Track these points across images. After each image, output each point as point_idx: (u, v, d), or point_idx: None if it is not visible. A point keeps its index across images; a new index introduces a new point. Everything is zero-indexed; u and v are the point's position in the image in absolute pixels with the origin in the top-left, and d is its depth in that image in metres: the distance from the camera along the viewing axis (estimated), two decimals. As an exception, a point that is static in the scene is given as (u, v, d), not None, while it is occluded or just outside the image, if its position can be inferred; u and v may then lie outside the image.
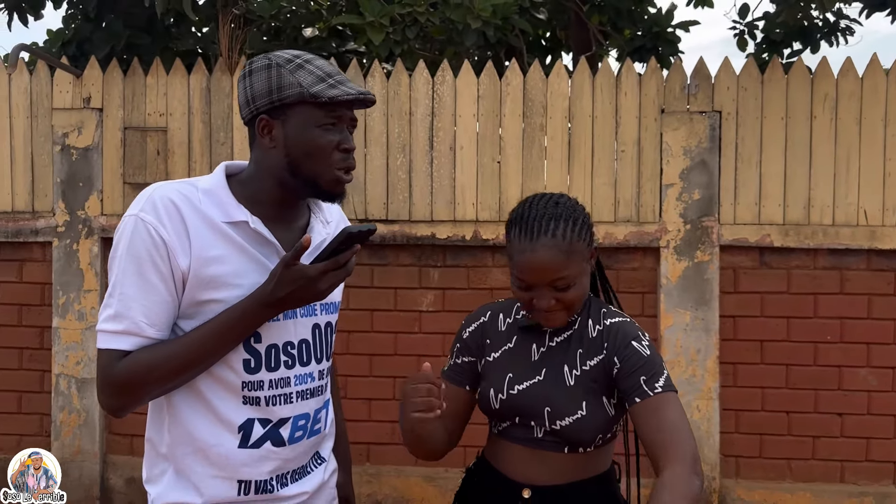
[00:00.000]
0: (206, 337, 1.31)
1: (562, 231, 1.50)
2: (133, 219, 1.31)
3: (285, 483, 1.45)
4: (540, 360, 1.58)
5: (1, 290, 3.86)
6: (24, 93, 3.80)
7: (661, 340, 3.51)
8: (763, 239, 3.50)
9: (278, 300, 1.30)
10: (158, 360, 1.30)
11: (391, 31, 4.05)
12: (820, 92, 3.48)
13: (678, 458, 1.39)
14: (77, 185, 3.73)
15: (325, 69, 1.36)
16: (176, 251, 1.30)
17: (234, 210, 1.36)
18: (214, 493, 1.38)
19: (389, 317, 3.68)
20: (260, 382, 1.38)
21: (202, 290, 1.33)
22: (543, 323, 1.56)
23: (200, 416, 1.37)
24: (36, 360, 3.84)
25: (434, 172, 3.62)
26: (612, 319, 1.58)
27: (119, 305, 1.30)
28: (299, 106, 1.33)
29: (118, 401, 1.33)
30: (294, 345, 1.43)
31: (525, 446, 1.56)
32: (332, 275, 1.31)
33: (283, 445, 1.42)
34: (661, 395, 1.46)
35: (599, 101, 3.57)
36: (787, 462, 3.55)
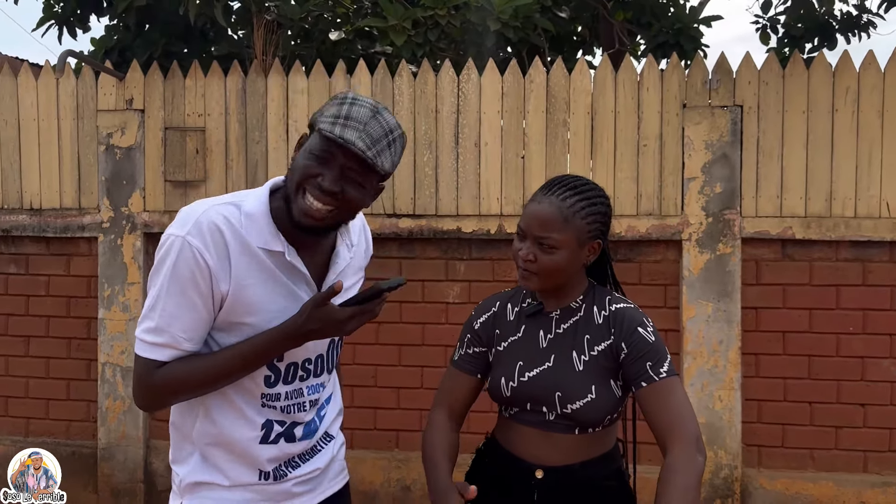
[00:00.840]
0: (235, 358, 1.44)
1: (571, 202, 1.59)
2: (180, 240, 1.38)
3: (297, 465, 1.58)
4: (548, 347, 1.65)
5: (50, 283, 4.06)
6: (70, 96, 4.00)
7: (683, 332, 3.57)
8: (785, 231, 3.54)
9: (305, 333, 1.42)
10: (191, 373, 1.43)
11: (413, 33, 4.17)
12: (842, 85, 3.51)
13: (682, 439, 1.51)
14: (121, 183, 3.92)
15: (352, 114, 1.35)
16: (218, 276, 1.40)
17: (272, 239, 1.43)
18: (238, 477, 1.52)
19: (417, 308, 3.80)
20: (276, 395, 1.52)
21: (236, 312, 1.44)
22: (520, 281, 1.65)
23: (228, 414, 1.50)
24: (83, 349, 4.03)
25: (459, 168, 3.73)
26: (618, 305, 1.65)
27: (160, 321, 1.40)
28: (313, 130, 1.41)
29: (151, 403, 1.48)
30: (311, 360, 1.56)
31: (536, 429, 1.63)
32: (358, 318, 1.42)
33: (294, 442, 1.56)
34: (665, 379, 1.56)
35: (622, 96, 3.64)
36: (810, 452, 3.58)
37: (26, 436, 4.10)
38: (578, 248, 1.61)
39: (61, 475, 3.97)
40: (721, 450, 3.54)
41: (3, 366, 4.10)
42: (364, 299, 1.42)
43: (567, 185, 1.62)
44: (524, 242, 1.61)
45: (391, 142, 1.38)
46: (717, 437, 3.53)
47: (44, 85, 4.01)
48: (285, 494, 1.57)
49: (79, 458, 4.03)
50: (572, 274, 1.65)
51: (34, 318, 4.07)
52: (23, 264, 4.08)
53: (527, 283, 1.63)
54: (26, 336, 4.08)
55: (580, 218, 1.59)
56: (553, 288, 1.65)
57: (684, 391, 1.60)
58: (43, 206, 4.01)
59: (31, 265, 4.07)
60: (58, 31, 5.48)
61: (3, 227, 4.02)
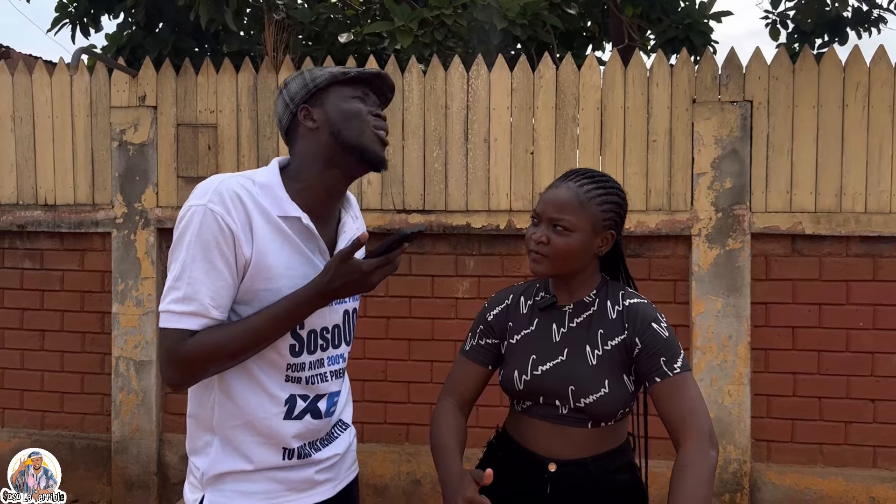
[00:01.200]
0: (267, 321, 1.43)
1: (588, 188, 1.61)
2: (202, 208, 1.40)
3: (318, 448, 1.59)
4: (562, 341, 1.65)
5: (64, 278, 4.12)
6: (84, 92, 4.04)
7: (692, 327, 3.58)
8: (795, 226, 3.54)
9: (333, 290, 1.43)
10: (224, 340, 1.41)
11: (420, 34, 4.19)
12: (852, 80, 3.51)
13: (695, 435, 1.52)
14: (134, 179, 3.96)
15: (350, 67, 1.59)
16: (241, 240, 1.41)
17: (288, 206, 1.47)
18: (263, 459, 1.52)
19: (427, 303, 3.82)
20: (302, 364, 1.53)
21: (258, 278, 1.45)
22: (529, 266, 1.65)
23: (251, 393, 1.49)
24: (97, 343, 4.08)
25: (469, 164, 3.75)
26: (631, 300, 1.65)
27: (188, 289, 1.40)
28: (332, 86, 1.53)
29: (184, 376, 1.43)
30: (329, 329, 1.57)
31: (549, 423, 1.63)
32: (382, 270, 1.43)
33: (321, 418, 1.57)
34: (679, 375, 1.57)
35: (631, 92, 3.65)
36: (819, 447, 3.59)
37: (41, 428, 4.15)
38: (592, 235, 1.62)
39: (74, 468, 4.03)
40: (730, 445, 3.55)
41: (18, 359, 4.16)
42: (387, 249, 1.43)
43: (585, 175, 1.65)
44: (538, 227, 1.63)
45: None
46: (726, 431, 3.54)
47: (58, 82, 4.05)
48: (308, 483, 1.58)
49: (93, 451, 4.08)
50: (583, 262, 1.65)
51: (49, 312, 4.12)
52: (38, 259, 4.13)
53: (536, 267, 1.63)
54: (41, 330, 4.13)
55: (596, 205, 1.61)
56: (563, 275, 1.65)
57: (697, 386, 1.61)
58: (57, 202, 4.06)
59: (46, 260, 4.12)
60: (71, 31, 5.55)
61: (19, 223, 4.07)
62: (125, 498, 3.97)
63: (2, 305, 4.17)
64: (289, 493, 1.56)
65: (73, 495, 4.10)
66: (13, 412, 4.18)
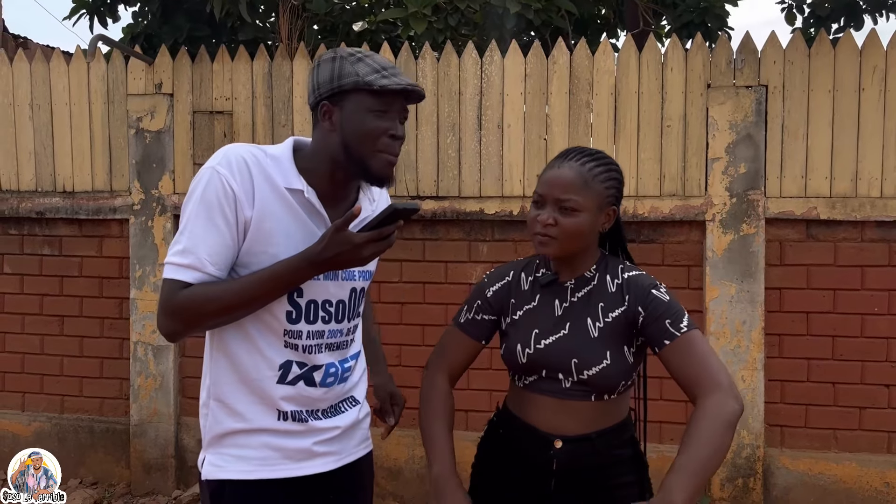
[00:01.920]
0: (258, 282, 1.48)
1: (590, 166, 1.62)
2: (209, 170, 1.49)
3: (318, 417, 1.62)
4: (563, 315, 1.67)
5: (83, 264, 4.17)
6: (101, 80, 4.08)
7: (706, 312, 3.58)
8: (809, 212, 3.52)
9: (324, 260, 1.46)
10: (214, 294, 1.47)
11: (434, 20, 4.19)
12: (868, 64, 3.48)
13: (714, 387, 1.47)
14: (151, 166, 4.00)
15: (381, 63, 1.51)
16: (242, 202, 1.48)
17: (294, 178, 1.53)
18: (257, 419, 1.57)
19: (440, 289, 3.84)
20: (299, 332, 1.57)
21: (258, 241, 1.50)
22: (537, 249, 1.64)
23: (246, 353, 1.56)
24: (115, 328, 4.14)
25: (482, 150, 3.76)
26: (630, 273, 1.67)
27: (187, 242, 1.47)
28: (355, 93, 1.50)
29: (174, 325, 1.49)
30: (332, 303, 1.60)
31: (553, 397, 1.64)
32: (374, 245, 1.45)
33: (315, 387, 1.60)
34: (687, 333, 1.55)
35: (645, 77, 3.64)
36: (833, 432, 3.58)
37: (61, 412, 4.22)
38: (597, 213, 1.63)
39: (93, 451, 4.10)
40: (744, 430, 3.55)
41: (38, 344, 4.22)
42: (380, 222, 1.44)
43: (584, 153, 1.65)
44: (543, 209, 1.63)
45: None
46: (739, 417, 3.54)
47: (75, 70, 4.10)
48: (305, 453, 1.61)
49: (112, 435, 4.14)
50: (590, 240, 1.66)
51: (68, 298, 4.18)
52: (56, 246, 4.19)
53: (545, 250, 1.63)
54: (60, 316, 4.19)
55: (599, 182, 1.62)
56: (570, 254, 1.66)
57: (707, 343, 1.57)
58: (75, 189, 4.11)
59: (65, 246, 4.18)
60: (89, 20, 5.59)
61: (37, 210, 4.13)
62: (143, 481, 4.03)
63: (22, 291, 4.23)
64: (285, 461, 1.59)
65: (92, 478, 4.17)
66: (33, 396, 4.25)
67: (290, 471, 1.59)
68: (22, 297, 4.23)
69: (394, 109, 1.52)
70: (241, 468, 1.57)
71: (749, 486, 3.56)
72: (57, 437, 4.19)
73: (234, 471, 1.58)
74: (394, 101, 1.51)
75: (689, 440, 1.42)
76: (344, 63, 1.51)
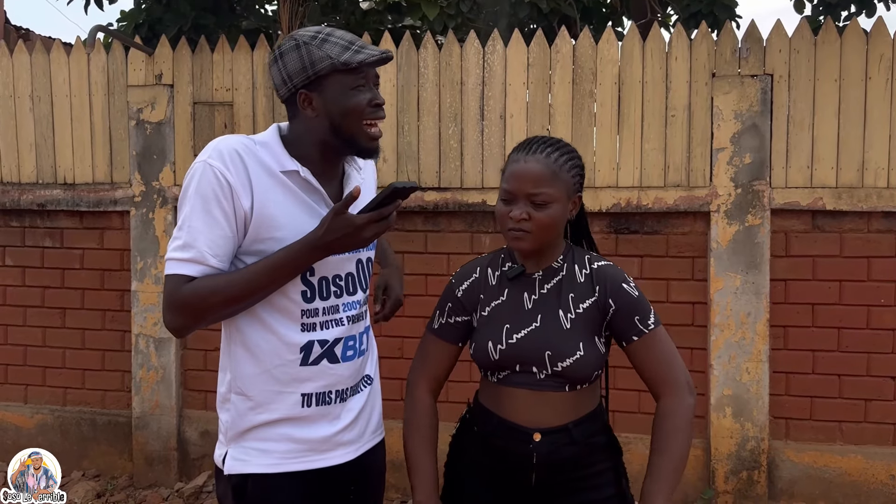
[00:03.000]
0: (263, 270, 1.48)
1: (555, 157, 1.61)
2: (202, 164, 1.49)
3: (344, 398, 1.63)
4: (534, 308, 1.66)
5: (84, 257, 4.16)
6: (101, 71, 4.05)
7: (710, 304, 3.55)
8: (815, 202, 3.49)
9: (326, 244, 1.46)
10: (219, 285, 1.47)
11: (445, 4, 4.14)
12: (875, 52, 3.43)
13: (673, 386, 1.64)
14: (151, 158, 3.98)
15: (346, 38, 1.52)
16: (239, 193, 1.48)
17: (287, 161, 1.54)
18: (281, 408, 1.56)
19: (443, 281, 3.76)
20: (315, 310, 1.57)
21: (263, 228, 1.50)
22: (512, 244, 1.64)
23: (265, 341, 1.55)
24: (117, 321, 4.13)
25: (485, 141, 3.73)
26: (599, 263, 1.68)
27: (187, 237, 1.47)
28: (333, 75, 1.51)
29: (181, 320, 1.50)
30: (342, 277, 1.61)
31: (528, 389, 1.64)
32: (375, 225, 1.46)
33: (338, 363, 1.60)
34: (653, 331, 1.64)
35: (650, 66, 3.60)
36: (839, 424, 3.56)
37: (63, 405, 4.22)
38: (566, 202, 1.63)
39: (96, 444, 4.10)
40: (748, 422, 3.53)
41: (40, 337, 4.22)
42: (379, 203, 1.45)
43: (546, 143, 1.64)
44: (513, 204, 1.61)
45: None
46: (744, 409, 3.52)
47: (75, 61, 4.07)
48: (329, 444, 1.61)
49: (114, 427, 4.14)
50: (560, 230, 1.67)
51: (69, 290, 4.17)
52: (58, 238, 4.18)
53: (520, 245, 1.62)
54: (62, 308, 4.19)
55: (566, 171, 1.62)
56: (544, 247, 1.66)
57: (670, 339, 1.67)
58: (76, 181, 4.09)
59: (66, 239, 4.17)
60: (84, 3, 5.54)
61: (38, 202, 4.12)
62: (146, 473, 4.03)
63: (23, 283, 4.22)
64: (308, 454, 1.59)
65: (95, 470, 4.17)
66: (36, 389, 4.25)
67: (312, 462, 1.60)
68: (24, 290, 4.22)
69: (370, 79, 1.55)
70: (264, 462, 1.58)
71: (754, 479, 3.54)
72: (59, 429, 4.19)
73: (258, 464, 1.58)
74: (368, 71, 1.54)
75: (661, 444, 1.61)
76: (310, 48, 1.50)
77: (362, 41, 1.54)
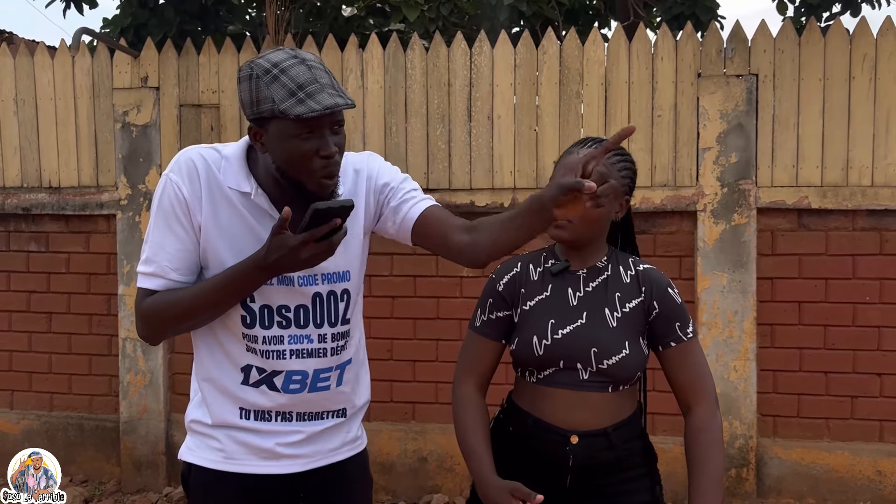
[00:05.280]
0: (212, 287, 1.48)
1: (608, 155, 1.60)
2: (164, 178, 1.52)
3: (289, 419, 1.60)
4: (579, 305, 1.65)
5: (71, 261, 4.12)
6: (86, 74, 4.03)
7: (698, 303, 3.57)
8: (801, 201, 3.51)
9: (269, 265, 1.41)
10: (172, 302, 1.49)
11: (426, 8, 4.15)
12: (859, 52, 3.47)
13: (706, 398, 1.64)
14: (138, 161, 3.95)
15: (298, 80, 1.37)
16: (193, 206, 1.49)
17: (243, 181, 1.50)
18: (220, 415, 1.59)
19: (431, 282, 3.82)
20: (255, 336, 1.55)
21: (207, 245, 1.51)
22: (551, 233, 1.63)
23: (214, 354, 1.59)
24: (104, 325, 4.10)
25: (472, 142, 3.73)
26: (644, 265, 1.70)
27: (150, 251, 1.51)
28: (274, 120, 1.39)
29: (145, 331, 1.55)
30: (290, 308, 1.55)
31: (569, 390, 1.62)
32: (313, 245, 1.37)
33: (278, 392, 1.57)
34: (691, 340, 1.65)
35: (636, 67, 3.62)
36: (826, 421, 3.58)
37: (50, 410, 4.19)
38: (615, 203, 1.64)
39: (83, 449, 4.06)
40: (736, 420, 3.55)
41: (26, 342, 4.18)
42: (308, 224, 1.37)
43: (600, 142, 1.64)
44: None
45: (330, 72, 1.43)
46: (732, 407, 3.54)
47: (60, 64, 4.04)
48: (269, 453, 1.60)
49: (102, 432, 4.11)
50: (604, 228, 1.67)
51: (55, 294, 4.14)
52: (43, 242, 4.14)
53: (560, 234, 1.63)
54: (48, 312, 4.15)
55: (617, 171, 1.63)
56: (583, 241, 1.66)
57: (702, 351, 1.68)
58: (62, 185, 4.06)
59: (52, 243, 4.13)
60: (64, 6, 5.49)
61: (24, 206, 4.08)
62: (134, 478, 4.00)
63: (8, 288, 4.18)
64: (249, 457, 1.60)
65: (82, 475, 4.14)
66: (22, 394, 4.21)
67: (253, 467, 1.60)
68: (9, 294, 4.18)
69: (320, 128, 1.40)
70: (207, 456, 1.60)
71: (742, 477, 3.55)
72: (46, 434, 4.15)
73: (201, 458, 1.61)
74: (320, 122, 1.39)
75: (700, 461, 1.61)
76: (259, 84, 1.38)
77: (318, 86, 1.38)
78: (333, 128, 1.43)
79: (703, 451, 1.60)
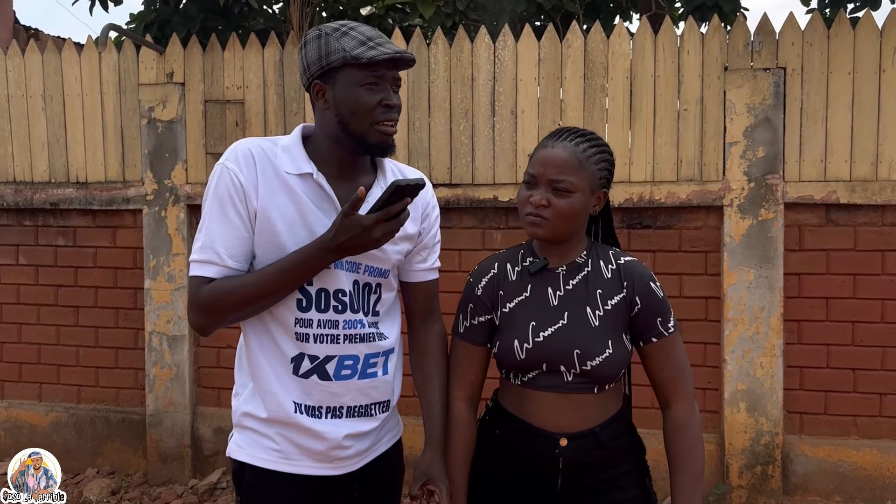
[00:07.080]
0: (276, 272, 1.49)
1: (584, 147, 1.58)
2: (220, 167, 1.54)
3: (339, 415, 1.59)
4: (560, 305, 1.61)
5: (97, 255, 4.17)
6: (113, 70, 4.07)
7: (724, 299, 3.54)
8: (829, 196, 3.47)
9: (338, 246, 1.45)
10: (234, 287, 1.49)
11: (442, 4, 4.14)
12: (889, 45, 3.41)
13: (685, 394, 1.64)
14: (163, 156, 3.99)
15: (367, 34, 1.50)
16: (250, 194, 1.51)
17: (303, 163, 1.54)
18: (274, 409, 1.58)
19: (454, 277, 3.80)
20: (310, 321, 1.55)
21: (264, 231, 1.52)
22: (528, 230, 1.60)
23: (265, 347, 1.58)
24: (130, 319, 4.14)
25: (496, 137, 3.72)
26: (625, 258, 1.65)
27: (205, 239, 1.52)
28: (344, 69, 1.50)
29: (202, 319, 1.54)
30: (345, 292, 1.57)
31: (555, 392, 1.59)
32: (384, 225, 1.43)
33: (329, 380, 1.57)
34: (672, 335, 1.62)
35: (661, 60, 3.59)
36: (853, 419, 3.54)
37: (78, 403, 4.24)
38: (590, 195, 1.60)
39: (110, 441, 4.12)
40: (762, 417, 3.52)
41: (54, 335, 4.24)
42: (385, 201, 1.43)
43: (576, 133, 1.62)
44: (535, 189, 1.58)
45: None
46: (758, 403, 3.51)
47: (86, 60, 4.08)
48: (324, 456, 1.59)
49: (128, 425, 4.16)
50: (581, 223, 1.62)
51: (83, 288, 4.19)
52: (70, 237, 4.19)
53: (537, 231, 1.59)
54: (76, 306, 4.20)
55: (593, 163, 1.58)
56: (561, 237, 1.62)
57: (682, 345, 1.66)
58: (89, 180, 4.11)
59: (79, 237, 4.18)
60: (90, 4, 5.56)
61: (51, 201, 4.13)
62: (160, 470, 4.05)
63: (37, 282, 4.24)
64: (304, 458, 1.59)
65: (109, 467, 4.19)
66: (50, 387, 4.27)
67: (308, 468, 1.59)
68: (37, 288, 4.24)
69: (385, 79, 1.52)
70: (261, 455, 1.59)
71: (768, 474, 3.53)
72: (74, 427, 4.21)
73: (255, 457, 1.59)
74: (384, 71, 1.51)
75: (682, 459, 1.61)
76: (329, 40, 1.50)
77: (384, 39, 1.52)
78: (394, 87, 1.54)
79: (686, 449, 1.60)
